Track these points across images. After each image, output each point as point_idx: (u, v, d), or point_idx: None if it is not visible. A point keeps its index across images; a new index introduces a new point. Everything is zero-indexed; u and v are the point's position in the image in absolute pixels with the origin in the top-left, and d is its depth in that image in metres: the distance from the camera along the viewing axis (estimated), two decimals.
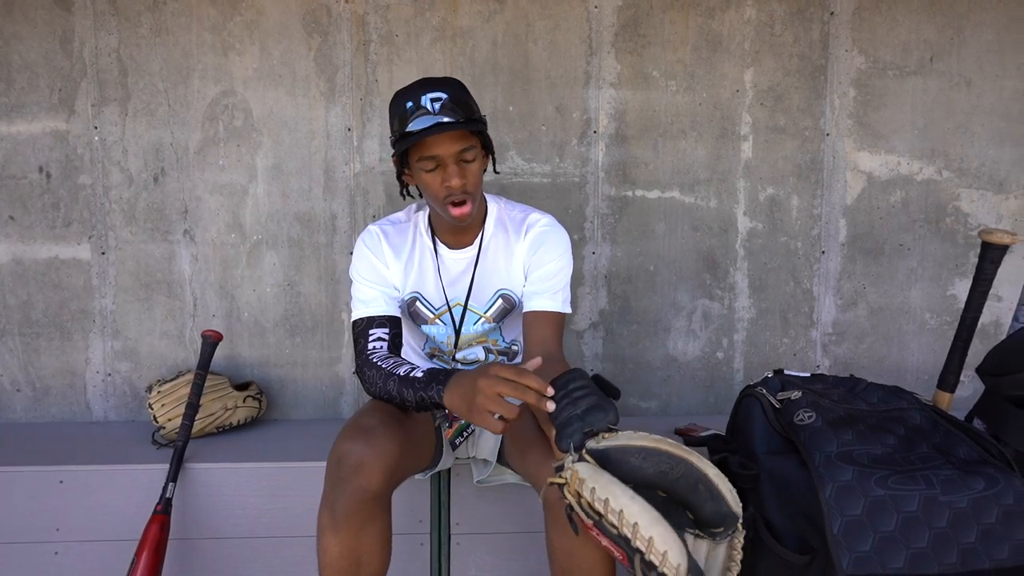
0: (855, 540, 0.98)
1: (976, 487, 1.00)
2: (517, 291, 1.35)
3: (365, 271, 1.30)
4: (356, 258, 1.32)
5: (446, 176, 1.18)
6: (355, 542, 1.14)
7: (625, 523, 0.87)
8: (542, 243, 1.31)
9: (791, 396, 1.16)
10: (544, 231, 1.32)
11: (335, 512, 1.12)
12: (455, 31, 1.79)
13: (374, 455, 1.12)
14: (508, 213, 1.35)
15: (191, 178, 1.78)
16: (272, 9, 1.76)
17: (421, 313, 1.36)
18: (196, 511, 1.49)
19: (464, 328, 1.36)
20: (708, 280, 1.89)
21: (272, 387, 1.84)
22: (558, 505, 1.11)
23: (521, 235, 1.32)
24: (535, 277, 1.31)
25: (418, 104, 1.16)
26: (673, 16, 1.82)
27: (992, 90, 1.89)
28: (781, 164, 1.88)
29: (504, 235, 1.34)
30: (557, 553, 1.16)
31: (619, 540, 0.89)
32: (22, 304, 1.78)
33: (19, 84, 1.73)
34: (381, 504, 1.17)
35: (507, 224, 1.34)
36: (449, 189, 1.19)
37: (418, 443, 1.28)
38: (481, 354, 1.40)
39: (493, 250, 1.33)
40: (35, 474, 1.48)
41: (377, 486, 1.13)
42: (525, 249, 1.32)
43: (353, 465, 1.12)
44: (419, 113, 1.16)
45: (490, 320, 1.37)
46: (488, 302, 1.36)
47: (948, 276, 1.94)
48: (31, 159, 1.75)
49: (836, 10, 1.85)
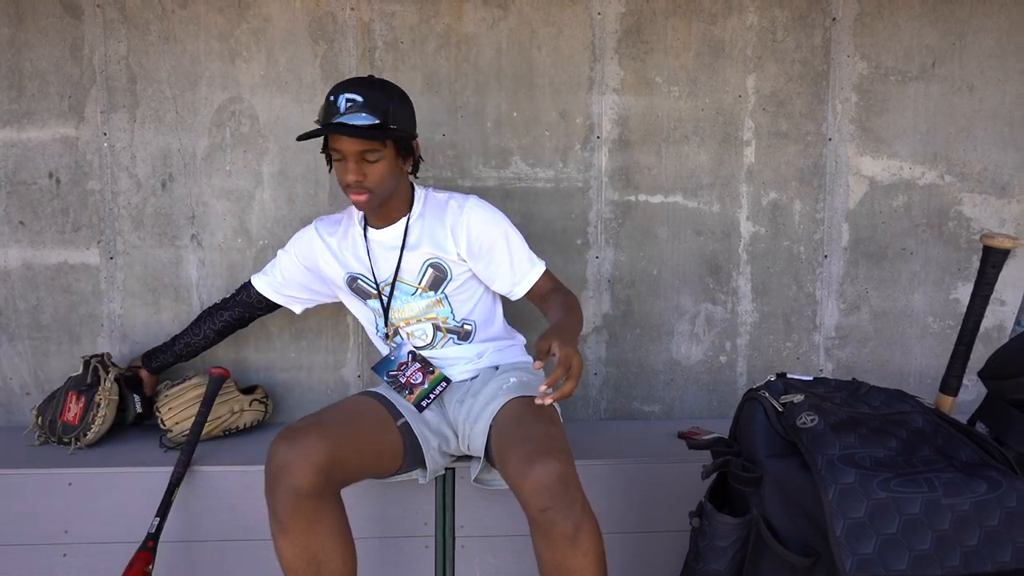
0: (858, 542, 0.99)
1: (979, 490, 1.01)
2: (448, 259, 1.41)
3: (284, 255, 1.55)
4: (289, 243, 1.55)
5: (345, 170, 1.32)
6: (305, 541, 1.17)
7: None
8: (478, 219, 1.41)
9: (793, 399, 1.16)
10: (473, 210, 1.41)
11: (277, 515, 1.18)
12: (460, 38, 1.81)
13: (298, 454, 1.16)
14: (433, 196, 1.47)
15: (198, 184, 1.80)
16: (279, 17, 1.78)
17: (364, 289, 1.46)
18: (202, 514, 1.50)
19: (396, 302, 1.43)
20: (711, 284, 1.90)
21: (278, 391, 1.85)
22: (542, 516, 1.11)
23: (447, 213, 1.42)
24: (497, 259, 1.41)
25: (335, 101, 1.30)
26: (675, 22, 1.84)
27: (994, 95, 1.90)
28: (784, 169, 1.89)
29: (430, 214, 1.44)
30: (545, 563, 1.16)
31: None
32: (31, 308, 1.80)
33: (30, 91, 1.76)
34: (322, 502, 1.19)
35: (432, 204, 1.45)
36: (345, 181, 1.33)
37: (370, 442, 1.30)
38: (430, 330, 1.44)
39: (419, 228, 1.43)
40: (44, 476, 1.50)
41: (308, 485, 1.16)
42: (461, 228, 1.40)
43: (278, 466, 1.17)
44: (332, 109, 1.30)
45: (425, 289, 1.41)
46: (419, 273, 1.43)
47: (951, 280, 1.94)
48: (41, 165, 1.78)
49: (838, 16, 1.86)
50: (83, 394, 1.61)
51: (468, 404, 1.40)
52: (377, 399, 1.40)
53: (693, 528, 1.22)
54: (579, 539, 1.12)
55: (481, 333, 1.46)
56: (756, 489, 1.14)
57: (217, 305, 1.65)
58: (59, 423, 1.60)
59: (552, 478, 1.11)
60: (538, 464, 1.12)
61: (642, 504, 1.55)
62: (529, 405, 1.30)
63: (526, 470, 1.13)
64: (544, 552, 1.15)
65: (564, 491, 1.12)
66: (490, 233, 1.41)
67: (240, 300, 1.61)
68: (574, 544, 1.12)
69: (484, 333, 1.47)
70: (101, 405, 1.60)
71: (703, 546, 1.19)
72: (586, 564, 1.13)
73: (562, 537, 1.11)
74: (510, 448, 1.20)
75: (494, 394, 1.36)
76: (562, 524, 1.11)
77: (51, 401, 1.64)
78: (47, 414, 1.63)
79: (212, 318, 1.63)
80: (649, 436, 1.74)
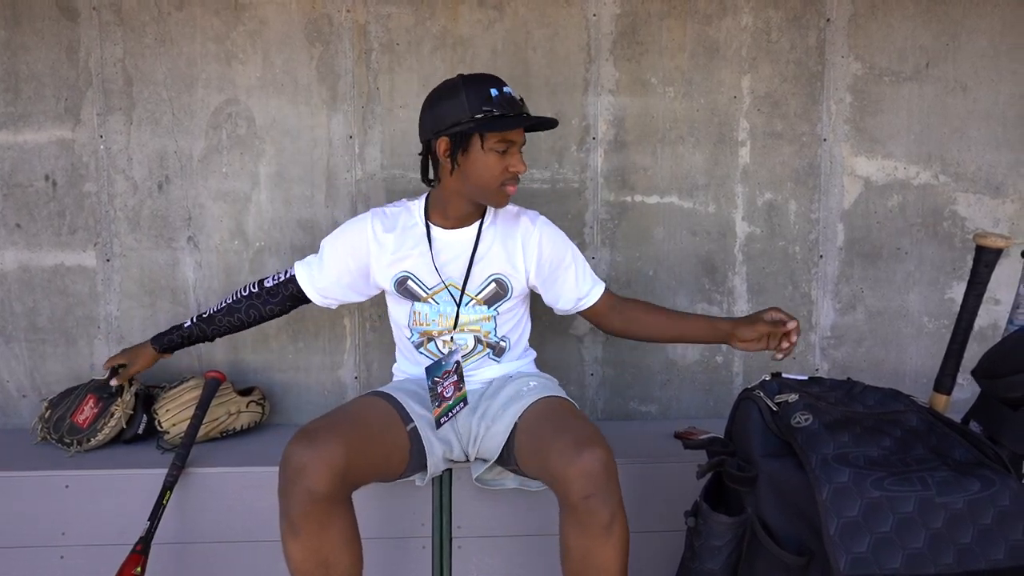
0: (852, 541, 0.99)
1: (972, 488, 1.01)
2: (512, 279, 1.41)
3: (331, 250, 1.45)
4: (338, 231, 1.47)
5: (512, 162, 1.32)
6: (316, 544, 1.16)
7: None
8: (550, 239, 1.44)
9: (788, 399, 1.17)
10: (545, 228, 1.45)
11: (289, 517, 1.16)
12: (455, 39, 1.81)
13: (315, 457, 1.15)
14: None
15: (195, 186, 1.80)
16: (275, 19, 1.78)
17: (413, 291, 1.42)
18: (199, 515, 1.50)
19: (447, 308, 1.41)
20: (707, 284, 1.91)
21: (275, 392, 1.85)
22: (584, 503, 1.13)
23: (518, 227, 1.43)
24: (563, 275, 1.45)
25: (502, 92, 1.31)
26: (670, 24, 1.85)
27: (988, 95, 1.91)
28: (779, 169, 1.90)
29: (502, 223, 1.44)
30: (572, 552, 1.17)
31: None
32: (28, 311, 1.80)
33: (26, 94, 1.76)
34: (336, 505, 1.18)
35: (503, 214, 1.45)
36: (514, 171, 1.33)
37: (381, 446, 1.29)
38: (471, 342, 1.43)
39: (491, 236, 1.42)
40: (41, 479, 1.50)
41: (324, 488, 1.14)
42: (532, 245, 1.43)
43: (295, 469, 1.15)
44: (511, 100, 1.31)
45: (481, 303, 1.40)
46: (480, 285, 1.41)
47: (946, 280, 1.95)
48: (37, 168, 1.78)
49: (832, 16, 1.87)
50: (102, 400, 1.60)
51: (483, 407, 1.40)
52: (388, 400, 1.38)
53: (689, 528, 1.23)
54: (613, 530, 1.15)
55: (512, 352, 1.47)
56: (751, 488, 1.15)
57: (263, 292, 1.49)
58: (67, 422, 1.59)
59: (599, 466, 1.15)
60: (586, 452, 1.15)
61: (638, 504, 1.55)
62: (557, 404, 1.35)
63: (573, 457, 1.15)
64: (575, 541, 1.17)
65: (608, 480, 1.15)
66: (560, 249, 1.45)
67: (291, 293, 1.48)
68: (608, 534, 1.15)
69: (514, 352, 1.48)
70: (115, 415, 1.60)
71: (699, 545, 1.19)
72: (615, 556, 1.16)
73: (598, 526, 1.14)
74: (550, 439, 1.22)
75: (516, 395, 1.37)
76: (601, 513, 1.14)
77: (67, 396, 1.63)
78: (58, 408, 1.61)
79: (259, 307, 1.49)
80: (646, 436, 1.75)
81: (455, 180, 1.36)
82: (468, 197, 1.38)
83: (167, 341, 1.54)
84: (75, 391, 1.64)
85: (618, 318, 1.50)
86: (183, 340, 1.54)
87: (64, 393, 1.66)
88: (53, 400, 1.65)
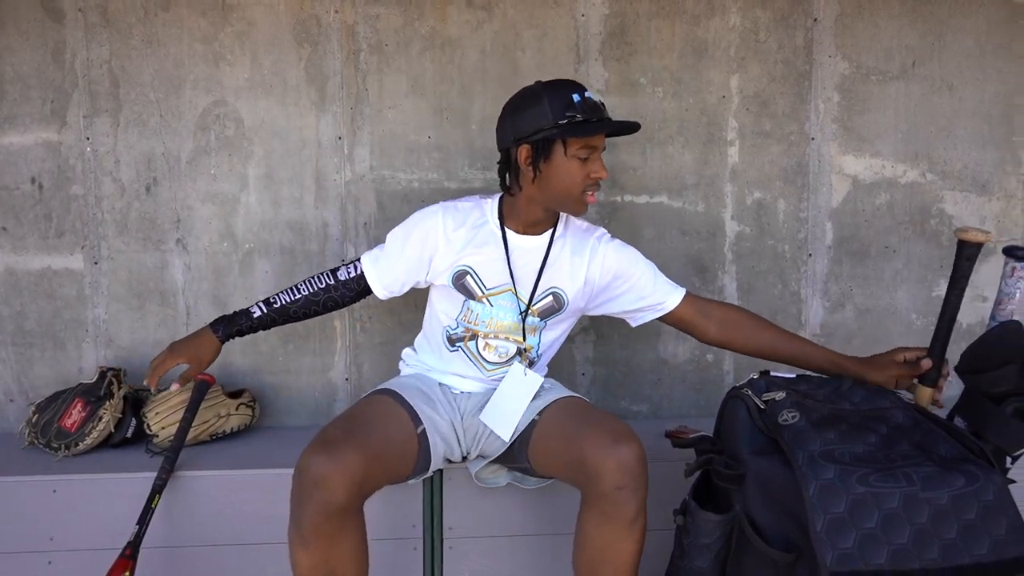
0: (838, 537, 1.00)
1: (956, 484, 1.02)
2: (569, 294, 1.41)
3: (400, 245, 1.41)
4: (406, 224, 1.42)
5: (595, 168, 1.31)
6: (326, 555, 1.14)
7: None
8: (616, 258, 1.43)
9: (775, 397, 1.17)
10: (615, 245, 1.45)
11: (301, 528, 1.13)
12: (444, 40, 1.81)
13: (336, 469, 1.13)
14: (572, 218, 1.46)
15: (183, 188, 1.79)
16: (263, 20, 1.78)
17: (470, 288, 1.40)
18: (189, 518, 1.49)
19: (502, 311, 1.40)
20: (697, 284, 1.91)
21: (265, 394, 1.85)
22: (616, 494, 1.15)
23: (587, 244, 1.43)
24: (642, 286, 1.43)
25: (584, 97, 1.29)
26: (659, 24, 1.85)
27: (973, 94, 1.92)
28: (767, 168, 1.90)
29: (571, 235, 1.44)
30: (592, 542, 1.19)
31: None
32: (15, 314, 1.79)
33: (11, 96, 1.74)
34: (349, 517, 1.17)
35: (573, 226, 1.45)
36: (597, 177, 1.32)
37: (395, 452, 1.28)
38: (511, 351, 1.42)
39: (561, 245, 1.42)
40: (29, 484, 1.49)
41: (341, 500, 1.13)
42: (597, 264, 1.42)
43: (314, 479, 1.13)
44: (595, 105, 1.29)
45: (535, 314, 1.40)
46: (539, 296, 1.40)
47: (933, 277, 1.96)
48: (23, 170, 1.77)
49: (819, 16, 1.88)
50: (90, 404, 1.59)
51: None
52: (399, 402, 1.36)
53: (678, 526, 1.23)
54: (636, 524, 1.18)
55: (538, 364, 1.48)
56: (739, 486, 1.15)
57: (339, 283, 1.43)
58: (54, 426, 1.58)
59: (635, 458, 1.17)
60: (624, 444, 1.17)
61: None
62: (582, 403, 1.38)
63: (610, 449, 1.17)
64: (596, 531, 1.18)
65: (640, 474, 1.18)
66: (628, 264, 1.44)
67: (363, 288, 1.43)
68: (632, 529, 1.17)
69: (539, 365, 1.49)
70: (103, 419, 1.59)
71: (687, 543, 1.20)
72: (633, 551, 1.18)
73: (624, 519, 1.16)
74: (583, 431, 1.23)
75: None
76: (629, 505, 1.16)
77: (54, 401, 1.62)
78: (45, 413, 1.61)
79: (336, 299, 1.44)
80: (637, 435, 1.75)
81: (535, 188, 1.34)
82: (545, 205, 1.36)
83: (235, 331, 1.42)
84: (63, 395, 1.63)
85: (713, 326, 1.42)
86: (249, 330, 1.43)
87: (52, 397, 1.65)
88: (40, 404, 1.64)
